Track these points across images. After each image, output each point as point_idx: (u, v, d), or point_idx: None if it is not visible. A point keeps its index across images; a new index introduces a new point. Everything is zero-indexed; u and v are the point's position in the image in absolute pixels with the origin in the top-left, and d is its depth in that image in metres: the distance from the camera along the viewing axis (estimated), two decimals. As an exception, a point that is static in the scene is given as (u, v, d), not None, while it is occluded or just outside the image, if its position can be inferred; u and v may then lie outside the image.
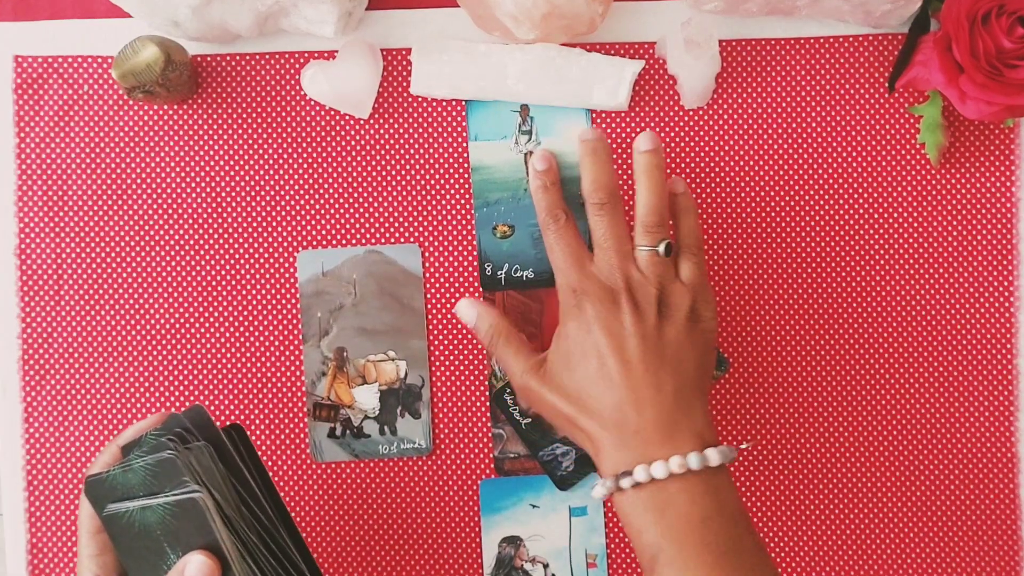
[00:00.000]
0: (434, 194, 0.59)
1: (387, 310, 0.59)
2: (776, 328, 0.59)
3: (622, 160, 0.59)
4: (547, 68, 0.57)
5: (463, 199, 0.59)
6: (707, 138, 0.59)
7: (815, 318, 0.59)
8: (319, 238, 0.59)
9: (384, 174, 0.59)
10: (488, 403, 0.59)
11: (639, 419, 0.47)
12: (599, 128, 0.58)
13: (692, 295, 0.50)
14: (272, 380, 0.59)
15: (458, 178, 0.59)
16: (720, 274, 0.59)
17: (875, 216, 0.59)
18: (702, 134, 0.59)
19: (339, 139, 0.59)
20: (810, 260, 0.59)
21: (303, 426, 0.59)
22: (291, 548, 0.47)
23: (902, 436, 0.59)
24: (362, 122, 0.59)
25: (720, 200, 0.59)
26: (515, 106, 0.59)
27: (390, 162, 0.59)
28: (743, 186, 0.59)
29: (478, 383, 0.59)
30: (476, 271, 0.59)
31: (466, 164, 0.59)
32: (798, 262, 0.59)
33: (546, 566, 0.59)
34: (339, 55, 0.58)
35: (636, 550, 0.47)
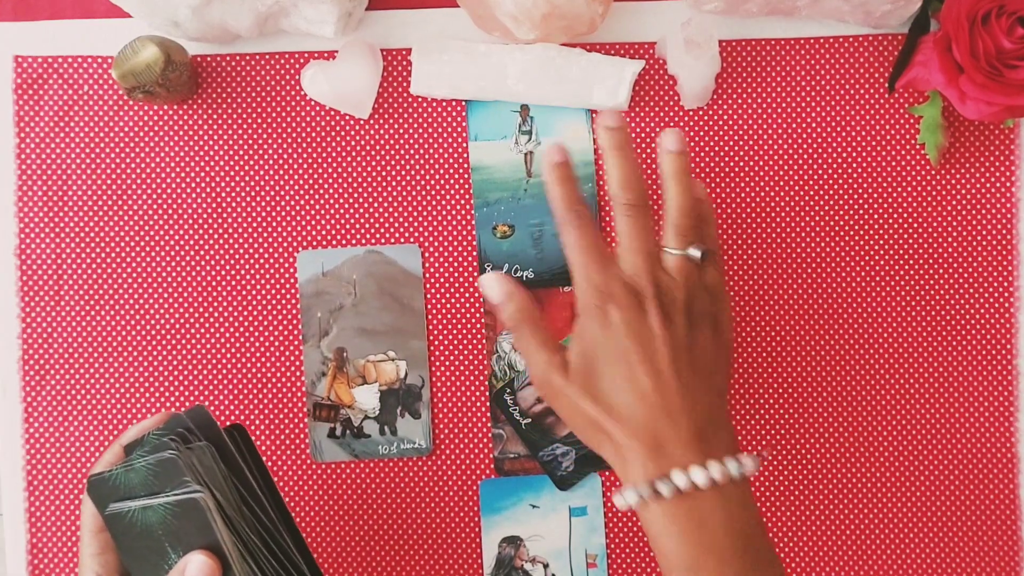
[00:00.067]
0: (434, 194, 0.59)
1: (387, 310, 0.59)
2: (776, 328, 0.59)
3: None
4: (547, 68, 0.57)
5: (463, 199, 0.59)
6: (707, 138, 0.59)
7: (815, 318, 0.59)
8: (319, 238, 0.59)
9: (384, 174, 0.59)
10: (488, 403, 0.59)
11: (673, 430, 0.44)
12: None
13: (715, 303, 0.48)
14: (272, 380, 0.59)
15: (458, 178, 0.59)
16: (720, 274, 0.59)
17: (875, 216, 0.59)
18: (702, 134, 0.59)
19: (339, 139, 0.59)
20: (810, 260, 0.59)
21: (303, 426, 0.59)
22: (292, 548, 0.47)
23: (902, 436, 0.60)
24: (362, 122, 0.59)
25: (720, 200, 0.59)
26: (515, 106, 0.59)
27: (390, 162, 0.59)
28: (743, 186, 0.59)
29: (478, 383, 0.59)
30: (476, 271, 0.59)
31: (466, 164, 0.59)
32: (798, 262, 0.59)
33: (546, 566, 0.59)
34: (339, 55, 0.58)
35: (665, 565, 0.45)
